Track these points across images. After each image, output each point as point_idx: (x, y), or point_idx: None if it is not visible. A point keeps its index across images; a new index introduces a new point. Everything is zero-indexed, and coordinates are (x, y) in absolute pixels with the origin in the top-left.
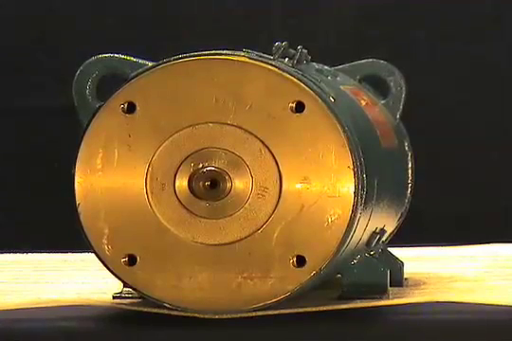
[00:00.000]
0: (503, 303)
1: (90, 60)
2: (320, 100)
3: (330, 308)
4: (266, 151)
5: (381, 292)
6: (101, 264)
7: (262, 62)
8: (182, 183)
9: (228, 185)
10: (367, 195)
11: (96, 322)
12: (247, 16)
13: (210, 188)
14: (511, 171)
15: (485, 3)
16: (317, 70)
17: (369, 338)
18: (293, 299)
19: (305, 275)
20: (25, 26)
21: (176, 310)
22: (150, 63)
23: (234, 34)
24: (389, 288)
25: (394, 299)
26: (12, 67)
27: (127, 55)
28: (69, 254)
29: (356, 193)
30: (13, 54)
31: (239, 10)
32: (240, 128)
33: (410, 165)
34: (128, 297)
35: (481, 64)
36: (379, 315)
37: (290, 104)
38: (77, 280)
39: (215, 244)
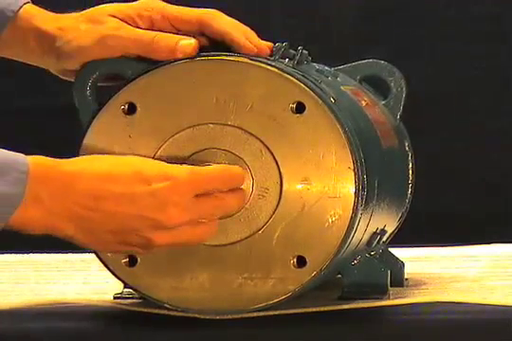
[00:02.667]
0: (503, 303)
1: (91, 60)
2: (320, 101)
3: (331, 308)
4: (267, 151)
5: (382, 292)
6: (102, 265)
7: (262, 62)
8: None
9: None
10: (368, 196)
11: (96, 322)
12: (247, 16)
13: None
14: (511, 171)
15: (485, 3)
16: (317, 71)
17: (369, 338)
18: (294, 300)
19: (306, 275)
20: None
21: (177, 310)
22: (150, 64)
23: None
24: (389, 288)
25: (395, 300)
26: (12, 67)
27: None
28: (70, 254)
29: (356, 194)
30: None
31: (239, 10)
32: (240, 129)
33: (410, 165)
34: (129, 298)
35: (481, 64)
36: (380, 316)
37: (291, 105)
38: (78, 281)
39: (216, 245)
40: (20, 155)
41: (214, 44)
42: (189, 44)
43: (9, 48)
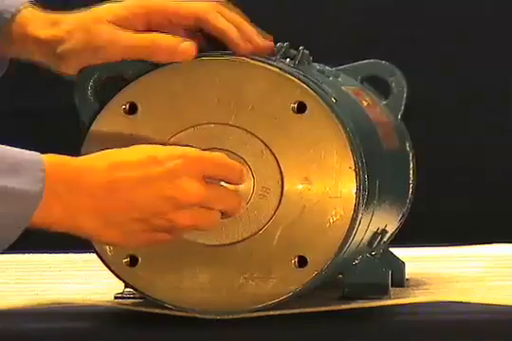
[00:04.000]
0: (503, 303)
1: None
2: (321, 101)
3: (331, 308)
4: (268, 151)
5: (382, 292)
6: (103, 265)
7: (263, 62)
8: None
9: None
10: (368, 196)
11: (97, 322)
12: (248, 16)
13: None
14: (511, 171)
15: (485, 3)
16: (318, 71)
17: (370, 338)
18: (294, 300)
19: (307, 275)
20: None
21: (178, 310)
22: (151, 64)
23: None
24: (390, 288)
25: (396, 299)
26: (13, 67)
27: None
28: (71, 254)
29: (357, 194)
30: None
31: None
32: (241, 129)
33: (411, 165)
34: (129, 298)
35: (481, 65)
36: (381, 316)
37: (292, 105)
38: (78, 281)
39: (217, 245)
40: (35, 154)
41: (213, 41)
42: (189, 46)
43: (11, 46)
